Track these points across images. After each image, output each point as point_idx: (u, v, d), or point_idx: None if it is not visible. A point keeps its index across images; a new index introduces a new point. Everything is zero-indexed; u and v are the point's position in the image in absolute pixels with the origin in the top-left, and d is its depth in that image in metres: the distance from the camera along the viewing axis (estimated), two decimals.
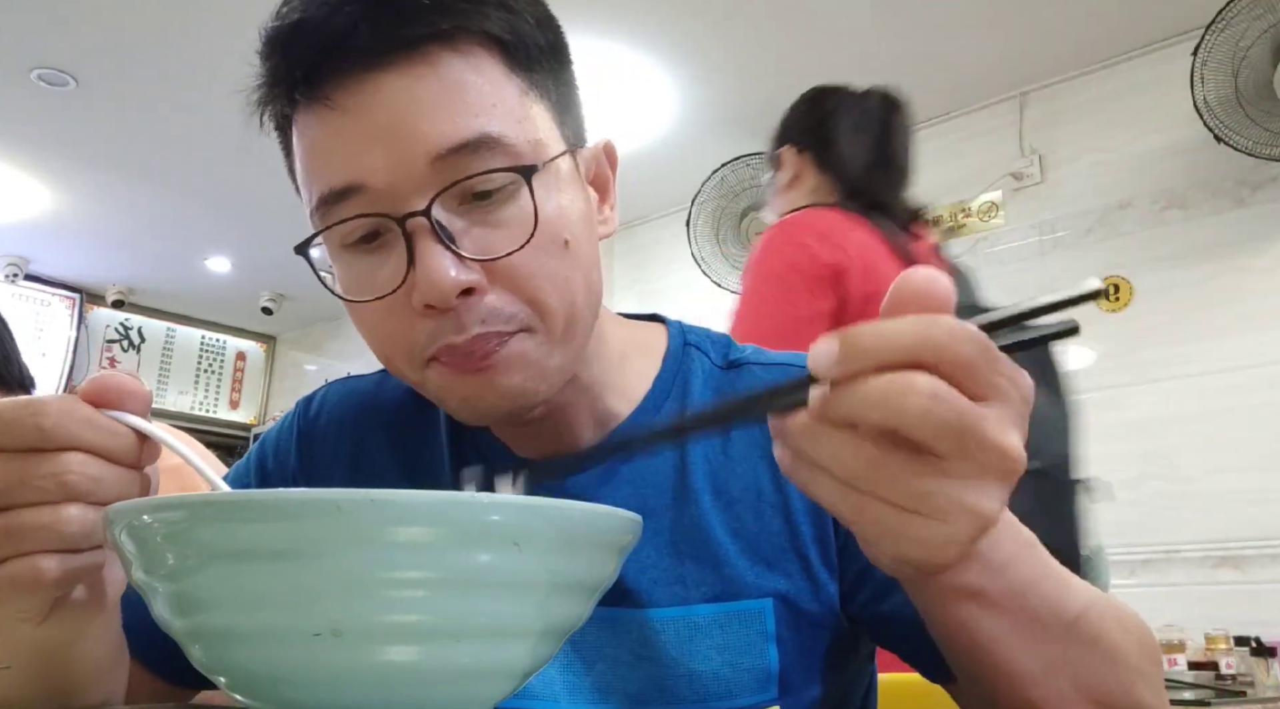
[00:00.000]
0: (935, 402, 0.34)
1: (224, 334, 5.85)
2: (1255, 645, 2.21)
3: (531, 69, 0.57)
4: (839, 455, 0.36)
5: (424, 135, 0.52)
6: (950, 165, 3.36)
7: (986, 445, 0.35)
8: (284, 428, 0.76)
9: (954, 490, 0.36)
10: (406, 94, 0.53)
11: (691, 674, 0.59)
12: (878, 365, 0.35)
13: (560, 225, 0.56)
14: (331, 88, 0.53)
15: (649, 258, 4.15)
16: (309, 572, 0.33)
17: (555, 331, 0.57)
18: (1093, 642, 0.48)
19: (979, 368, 0.35)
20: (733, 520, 0.63)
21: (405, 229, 0.53)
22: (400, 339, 0.56)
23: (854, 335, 0.35)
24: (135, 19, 2.90)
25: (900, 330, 0.35)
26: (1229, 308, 2.73)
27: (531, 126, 0.56)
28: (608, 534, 0.39)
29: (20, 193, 4.12)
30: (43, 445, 0.43)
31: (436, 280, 0.52)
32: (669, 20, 2.89)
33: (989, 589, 0.44)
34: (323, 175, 0.55)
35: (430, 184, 0.53)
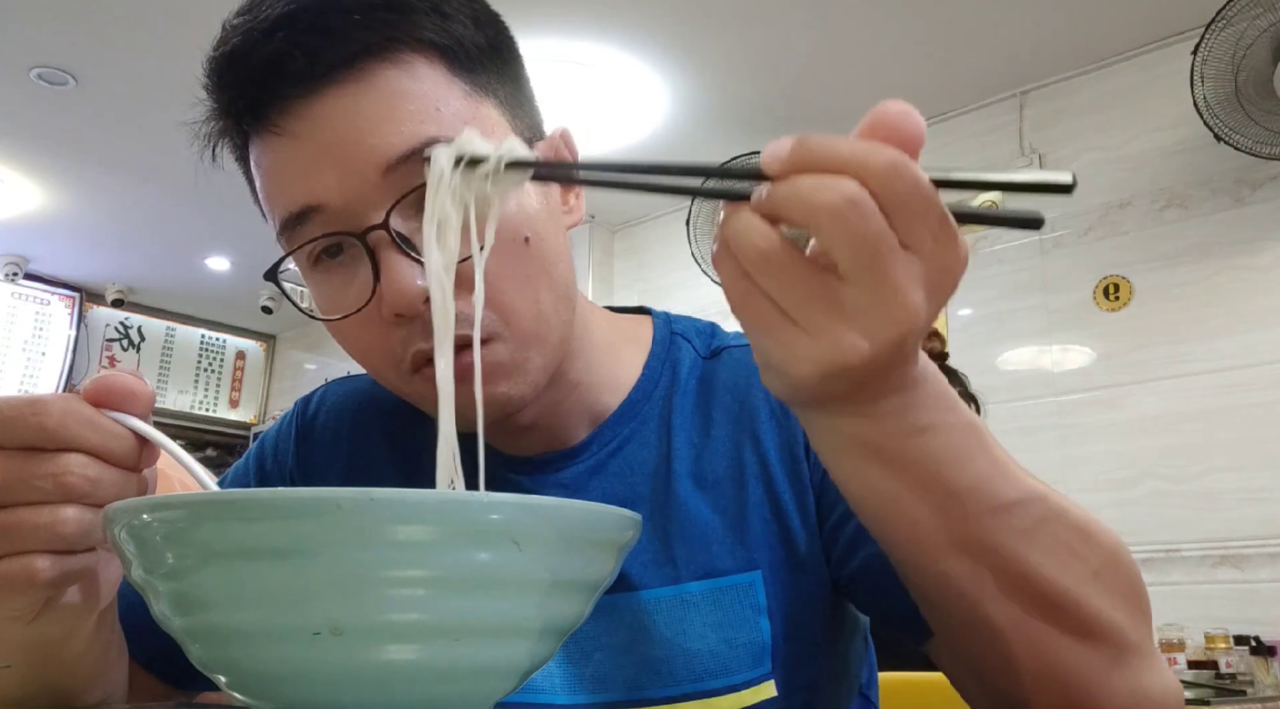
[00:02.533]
0: (851, 207, 0.34)
1: (224, 333, 5.85)
2: (1255, 644, 2.22)
3: (474, 70, 0.58)
4: (749, 238, 0.37)
5: (371, 149, 0.53)
6: (950, 164, 3.35)
7: (885, 280, 0.35)
8: (282, 428, 0.76)
9: (833, 311, 0.36)
10: (349, 111, 0.54)
11: (687, 653, 0.60)
12: (818, 167, 0.35)
13: (519, 223, 0.57)
14: (276, 114, 0.55)
15: (649, 257, 4.15)
16: (309, 571, 0.33)
17: (524, 333, 0.57)
18: (1029, 534, 0.45)
19: (910, 210, 0.35)
20: (718, 499, 0.64)
21: (367, 243, 0.54)
22: (380, 350, 0.57)
23: (806, 139, 0.36)
24: (135, 18, 2.90)
25: (849, 146, 0.35)
26: (1229, 307, 2.73)
27: (481, 127, 0.56)
28: (607, 532, 0.39)
29: (20, 191, 4.11)
30: (44, 445, 0.42)
31: (402, 289, 0.53)
32: (667, 20, 2.89)
33: (887, 447, 0.42)
34: (280, 200, 0.56)
35: (385, 195, 0.54)
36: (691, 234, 3.52)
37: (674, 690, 0.60)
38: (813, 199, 0.35)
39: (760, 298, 0.37)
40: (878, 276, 0.35)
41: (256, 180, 0.59)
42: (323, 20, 0.54)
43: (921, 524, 0.44)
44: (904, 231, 0.35)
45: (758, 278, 0.37)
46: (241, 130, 0.58)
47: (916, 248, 0.36)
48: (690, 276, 3.61)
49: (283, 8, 0.54)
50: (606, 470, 0.66)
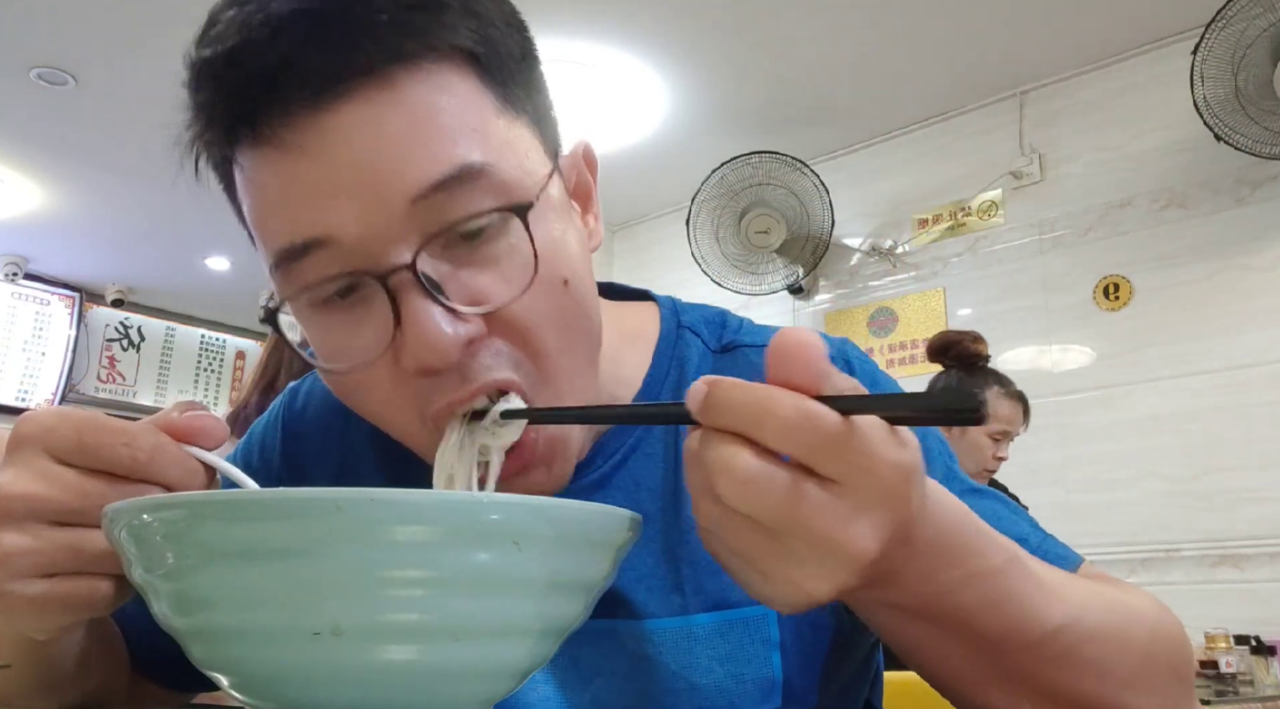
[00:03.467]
0: (748, 485, 0.34)
1: (223, 333, 5.85)
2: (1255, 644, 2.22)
3: (507, 82, 0.51)
4: (696, 495, 0.37)
5: (397, 175, 0.45)
6: (950, 164, 3.36)
7: (814, 534, 0.34)
8: (269, 422, 0.73)
9: (781, 562, 0.35)
10: (370, 128, 0.45)
11: (692, 687, 0.57)
12: (722, 426, 0.35)
13: (559, 262, 0.50)
14: (278, 125, 0.45)
15: (649, 257, 4.16)
16: (309, 571, 0.33)
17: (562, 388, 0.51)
18: (1063, 658, 0.45)
19: (818, 453, 0.34)
20: None
21: (388, 285, 0.46)
22: (398, 405, 0.50)
23: (712, 389, 0.35)
24: (134, 18, 2.90)
25: (742, 399, 0.34)
26: (1229, 306, 2.73)
27: (515, 150, 0.50)
28: (606, 533, 0.39)
29: (19, 191, 4.11)
30: (129, 474, 0.43)
31: (431, 342, 0.46)
32: (667, 20, 2.89)
33: (921, 609, 0.42)
34: (279, 228, 0.47)
35: (411, 231, 0.46)
36: (691, 234, 3.52)
37: None
38: (716, 478, 0.35)
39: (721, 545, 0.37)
40: (806, 532, 0.34)
41: (244, 199, 0.50)
42: (343, 18, 0.45)
43: (959, 665, 0.45)
44: (822, 471, 0.34)
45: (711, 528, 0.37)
46: (231, 140, 0.48)
47: (844, 482, 0.34)
48: (690, 277, 3.61)
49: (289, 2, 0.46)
50: (611, 484, 0.61)
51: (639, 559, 0.59)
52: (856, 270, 3.59)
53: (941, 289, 3.35)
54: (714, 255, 3.55)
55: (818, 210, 3.41)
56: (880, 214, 3.55)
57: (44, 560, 0.42)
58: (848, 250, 3.57)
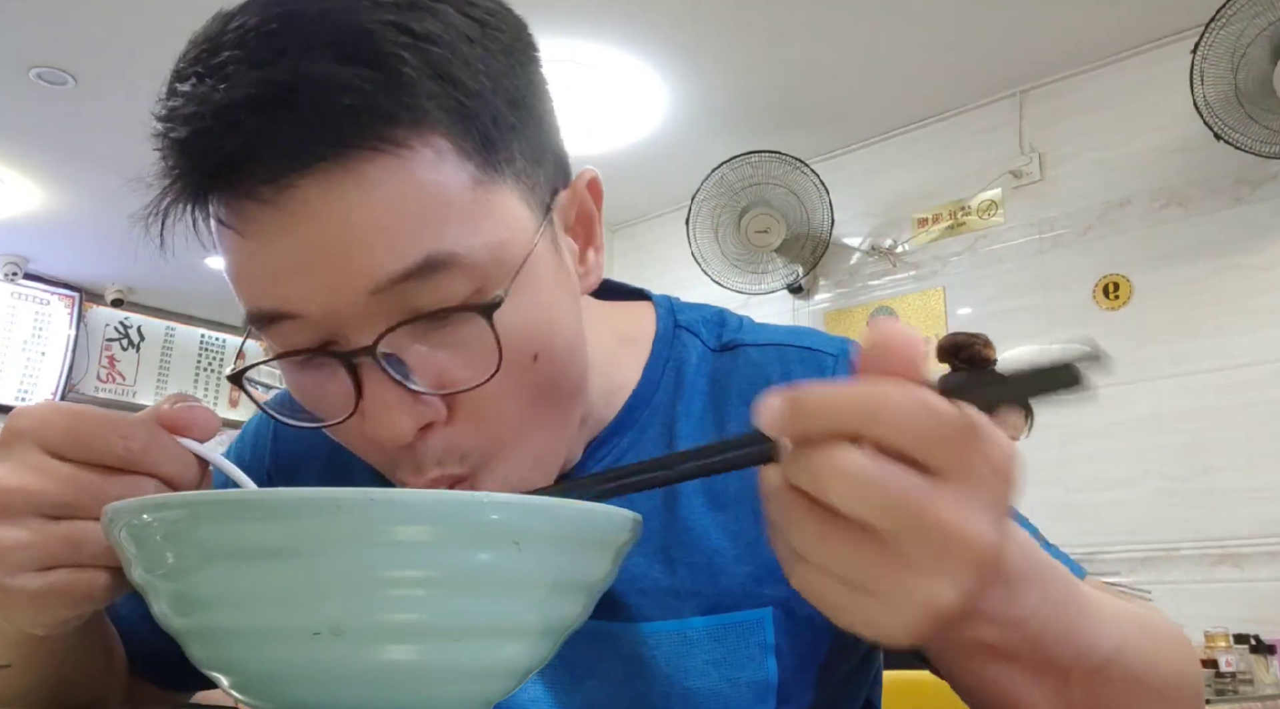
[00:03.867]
0: (860, 483, 0.32)
1: (223, 333, 5.85)
2: (1254, 643, 2.22)
3: (489, 144, 0.47)
4: (788, 522, 0.34)
5: (358, 266, 0.44)
6: (949, 164, 3.36)
7: (937, 529, 0.32)
8: (261, 418, 0.73)
9: (900, 575, 0.33)
10: (330, 216, 0.43)
11: (686, 691, 0.56)
12: (818, 434, 0.33)
13: (527, 340, 0.48)
14: (235, 214, 0.45)
15: (648, 256, 4.15)
16: (308, 571, 0.33)
17: (525, 461, 0.51)
18: (1123, 683, 0.46)
19: (933, 442, 0.32)
20: (730, 522, 0.59)
21: (351, 363, 0.46)
22: (369, 454, 0.51)
23: (800, 398, 0.33)
24: (134, 17, 2.89)
25: (844, 397, 0.32)
26: (1228, 306, 2.73)
27: (491, 226, 0.47)
28: (607, 533, 0.39)
29: (18, 191, 4.11)
30: (123, 466, 0.43)
31: (387, 423, 0.46)
32: (666, 19, 2.89)
33: (1004, 643, 0.40)
34: (245, 295, 0.47)
35: (374, 315, 0.45)
36: (691, 233, 3.52)
37: None
38: (822, 481, 0.32)
39: (828, 579, 0.34)
40: (926, 530, 0.32)
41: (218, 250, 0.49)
42: (303, 102, 0.42)
43: (1030, 700, 0.44)
44: (938, 466, 0.32)
45: (811, 557, 0.34)
46: (193, 209, 0.48)
47: (956, 475, 0.32)
48: (690, 276, 3.61)
49: (247, 79, 0.43)
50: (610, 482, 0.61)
51: (633, 560, 0.58)
52: (856, 270, 3.59)
53: (941, 288, 3.35)
54: (714, 255, 3.55)
55: (817, 210, 3.41)
56: (880, 213, 3.55)
57: (41, 554, 0.42)
58: (847, 250, 3.57)
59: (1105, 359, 0.33)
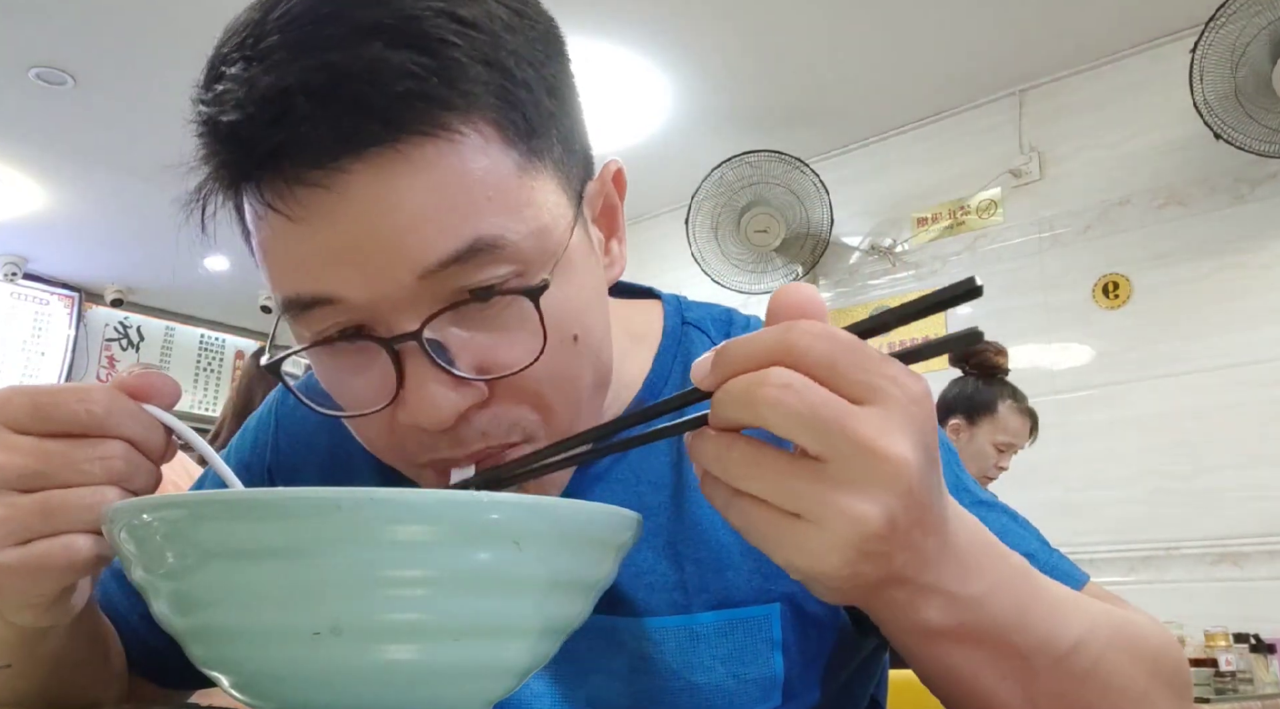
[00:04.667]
0: (786, 391, 0.35)
1: (223, 333, 5.85)
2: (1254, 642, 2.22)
3: (533, 133, 0.48)
4: (720, 457, 0.37)
5: (406, 250, 0.44)
6: (949, 163, 3.36)
7: (858, 444, 0.35)
8: (263, 417, 0.73)
9: (827, 492, 0.35)
10: (380, 201, 0.43)
11: (692, 686, 0.56)
12: (743, 369, 0.36)
13: (568, 321, 0.49)
14: (284, 195, 0.44)
15: (648, 255, 4.15)
16: (309, 570, 0.33)
17: (561, 430, 0.51)
18: (1088, 674, 0.45)
19: (843, 366, 0.35)
20: None
21: (393, 349, 0.46)
22: (392, 446, 0.51)
23: (724, 347, 0.37)
24: (133, 18, 2.90)
25: (761, 338, 0.36)
26: (1228, 304, 2.73)
27: (534, 212, 0.47)
28: (607, 532, 0.39)
29: (18, 191, 4.11)
30: (89, 431, 0.43)
31: (430, 409, 0.45)
32: (667, 19, 2.89)
33: (953, 626, 0.41)
34: (284, 283, 0.47)
35: (419, 300, 0.45)
36: (690, 234, 3.52)
37: None
38: (749, 396, 0.35)
39: (759, 507, 0.37)
40: (848, 442, 0.35)
41: (253, 243, 0.49)
42: (353, 88, 0.42)
43: (999, 695, 0.44)
44: (850, 390, 0.35)
45: (747, 486, 0.37)
46: (237, 197, 0.48)
47: (871, 399, 0.35)
48: (690, 276, 3.61)
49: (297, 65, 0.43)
50: (610, 477, 0.60)
51: (640, 555, 0.58)
52: (856, 269, 3.59)
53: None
54: (713, 254, 3.55)
55: (817, 209, 3.41)
56: (879, 213, 3.55)
57: (16, 527, 0.42)
58: (847, 249, 3.57)
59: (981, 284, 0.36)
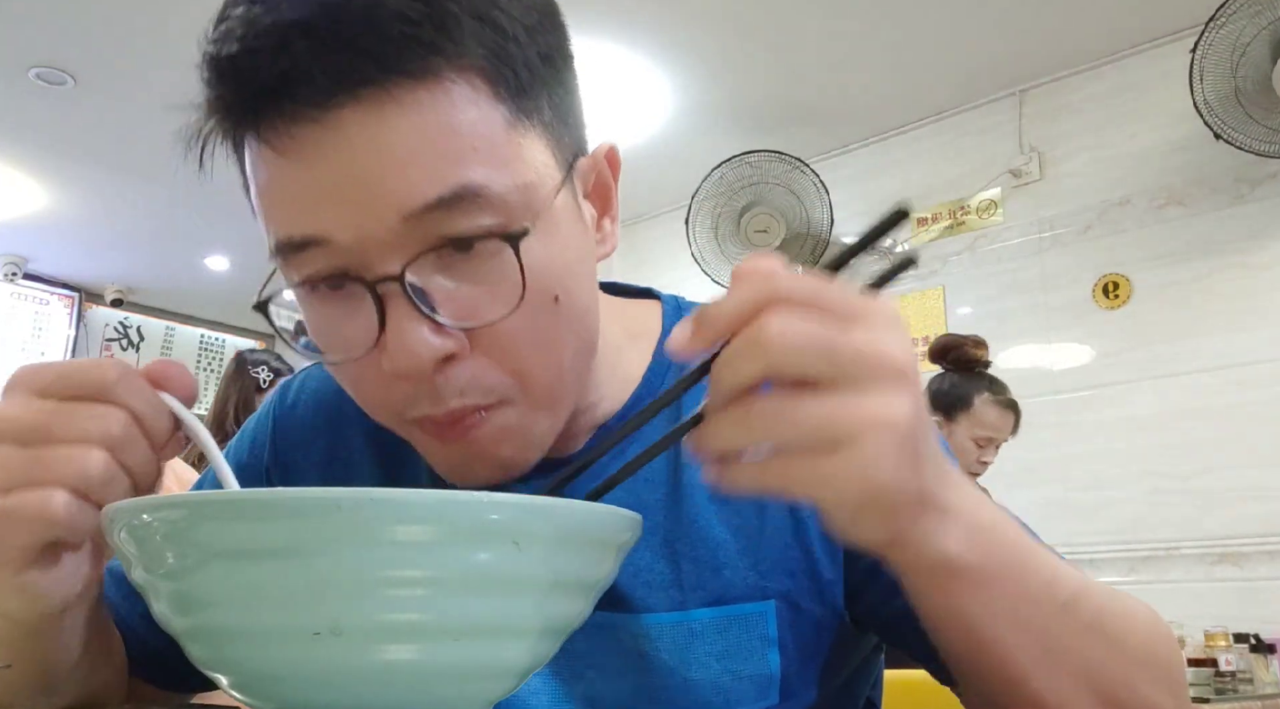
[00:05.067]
0: (794, 330, 0.35)
1: (223, 333, 5.85)
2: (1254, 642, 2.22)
3: (522, 92, 0.49)
4: (742, 424, 0.37)
5: (393, 191, 0.45)
6: (949, 163, 3.37)
7: (869, 354, 0.36)
8: (261, 418, 0.73)
9: (857, 408, 0.36)
10: (371, 141, 0.45)
11: (688, 683, 0.57)
12: (729, 326, 0.37)
13: (550, 280, 0.50)
14: (280, 132, 0.46)
15: (648, 256, 4.16)
16: (308, 570, 0.33)
17: (538, 398, 0.52)
18: (1091, 626, 0.46)
19: (827, 298, 0.37)
20: (733, 516, 0.59)
21: (376, 292, 0.47)
22: (376, 398, 0.52)
23: (701, 311, 0.37)
24: (133, 17, 2.90)
25: (741, 292, 0.37)
26: (1228, 304, 2.73)
27: (520, 167, 0.49)
28: (607, 532, 0.39)
29: (18, 191, 4.11)
30: (95, 396, 0.44)
31: (409, 352, 0.46)
32: (666, 18, 2.89)
33: (975, 561, 0.42)
34: (278, 222, 0.48)
35: (403, 243, 0.46)
36: (690, 233, 3.52)
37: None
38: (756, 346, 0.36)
39: (794, 459, 0.37)
40: (859, 355, 0.36)
41: (251, 186, 0.50)
42: (351, 29, 0.44)
43: (1013, 641, 0.45)
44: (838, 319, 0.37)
45: (781, 436, 0.36)
46: (236, 136, 0.50)
47: (859, 318, 0.37)
48: (690, 276, 3.61)
49: (299, 5, 0.45)
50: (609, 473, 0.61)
51: (638, 553, 0.58)
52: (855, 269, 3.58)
53: (940, 288, 3.35)
54: (713, 254, 3.55)
55: (817, 209, 3.41)
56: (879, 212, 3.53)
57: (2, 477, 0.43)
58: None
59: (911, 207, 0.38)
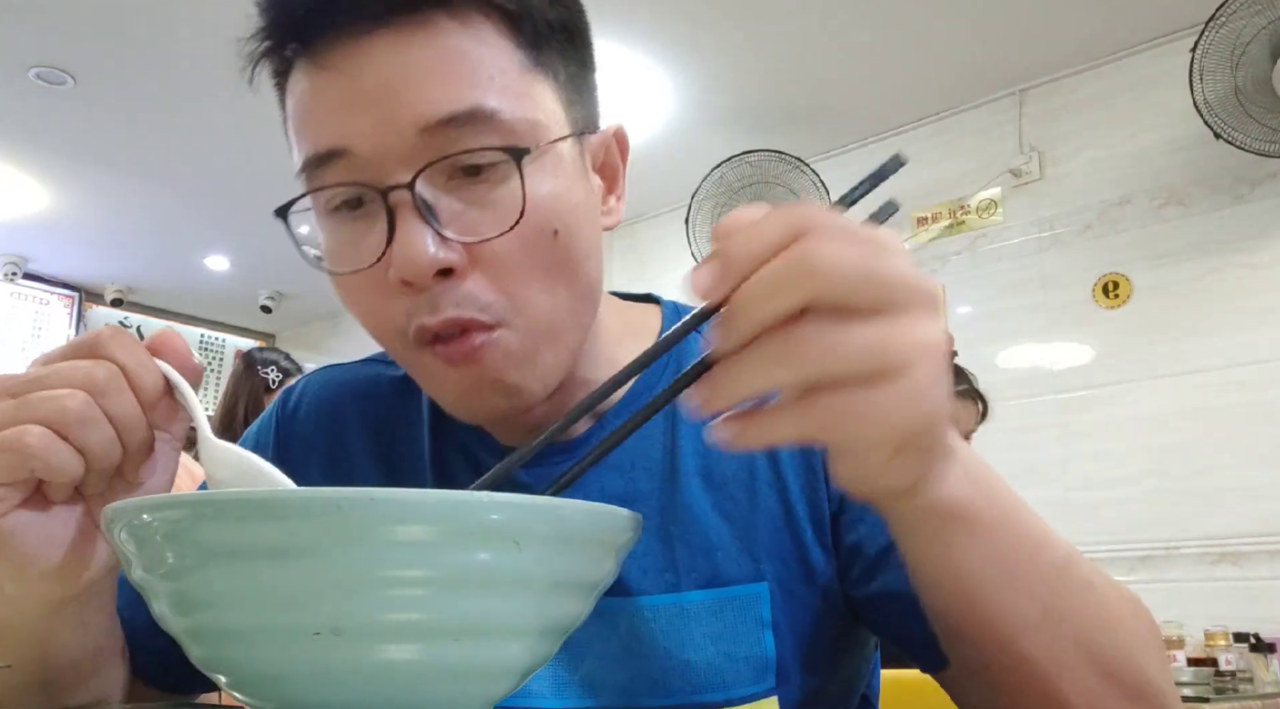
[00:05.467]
0: (832, 250, 0.33)
1: (223, 332, 5.85)
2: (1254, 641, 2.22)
3: (538, 45, 0.55)
4: (773, 365, 0.34)
5: (413, 103, 0.51)
6: (949, 162, 3.36)
7: (903, 276, 0.34)
8: (264, 423, 0.74)
9: (902, 332, 0.34)
10: (399, 59, 0.51)
11: (684, 664, 0.58)
12: (762, 256, 0.34)
13: (550, 214, 0.53)
14: (324, 48, 0.52)
15: (648, 256, 4.16)
16: (308, 570, 0.33)
17: (535, 326, 0.54)
18: (1086, 590, 0.46)
19: (855, 229, 0.35)
20: (725, 502, 0.61)
21: (388, 201, 0.51)
22: (381, 315, 0.55)
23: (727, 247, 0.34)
24: (133, 17, 2.89)
25: (763, 225, 0.34)
26: (1228, 304, 2.73)
27: (531, 105, 0.54)
28: (607, 532, 0.39)
29: (18, 191, 4.11)
30: (90, 353, 0.46)
31: (413, 257, 0.50)
32: (667, 18, 2.89)
33: (980, 506, 0.42)
34: (308, 136, 0.54)
35: (417, 155, 0.51)
36: (690, 233, 3.52)
37: (668, 701, 0.57)
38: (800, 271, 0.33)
39: (842, 395, 0.34)
40: (901, 280, 0.34)
41: (289, 110, 0.56)
42: None
43: (1012, 596, 0.45)
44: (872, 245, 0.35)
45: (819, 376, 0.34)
46: (284, 56, 0.55)
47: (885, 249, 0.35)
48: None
49: None
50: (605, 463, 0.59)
51: None
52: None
53: (940, 287, 3.35)
54: None
55: None
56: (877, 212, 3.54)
57: None
58: None
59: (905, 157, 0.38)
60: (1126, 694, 0.46)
